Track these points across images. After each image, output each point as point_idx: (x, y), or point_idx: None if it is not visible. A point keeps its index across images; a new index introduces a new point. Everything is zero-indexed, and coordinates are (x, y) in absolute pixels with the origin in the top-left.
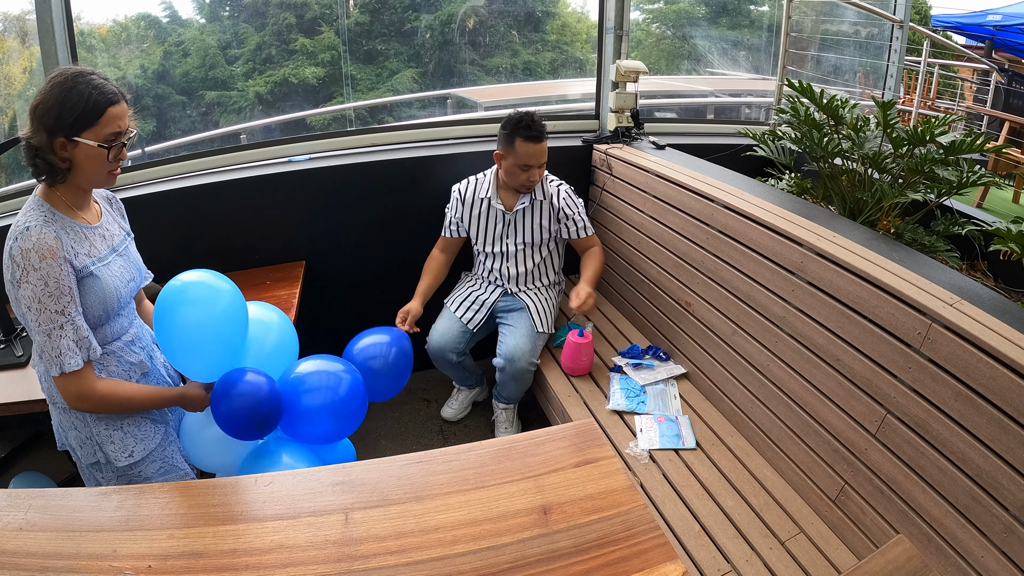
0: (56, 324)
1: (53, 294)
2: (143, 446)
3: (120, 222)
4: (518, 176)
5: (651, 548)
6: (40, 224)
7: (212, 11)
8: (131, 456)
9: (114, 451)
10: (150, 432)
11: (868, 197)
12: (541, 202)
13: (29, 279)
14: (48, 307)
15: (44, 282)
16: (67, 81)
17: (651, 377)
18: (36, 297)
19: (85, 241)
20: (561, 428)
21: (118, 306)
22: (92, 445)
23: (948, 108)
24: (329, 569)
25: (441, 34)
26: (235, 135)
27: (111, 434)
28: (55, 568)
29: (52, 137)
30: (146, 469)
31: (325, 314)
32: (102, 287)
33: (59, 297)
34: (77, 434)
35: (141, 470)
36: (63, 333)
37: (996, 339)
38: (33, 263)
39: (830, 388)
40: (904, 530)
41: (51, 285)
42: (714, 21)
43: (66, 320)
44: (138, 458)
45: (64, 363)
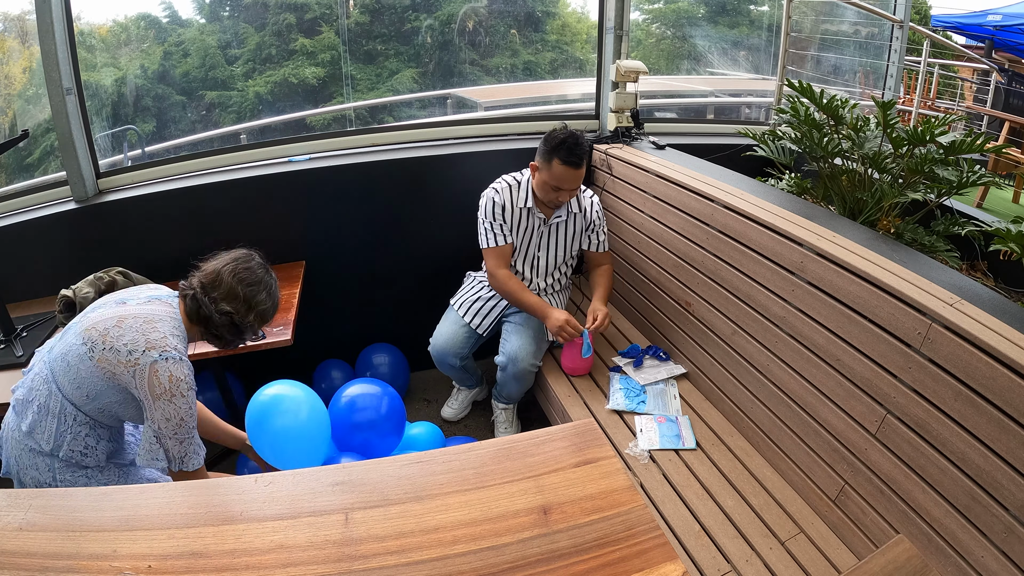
0: (189, 436)
1: (193, 415)
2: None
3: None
4: (547, 193)
5: (651, 548)
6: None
7: (212, 11)
8: None
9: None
10: (113, 477)
11: (868, 197)
12: (576, 214)
13: (175, 402)
14: (187, 424)
15: (188, 408)
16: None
17: (651, 377)
18: (179, 417)
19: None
20: (561, 428)
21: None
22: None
23: (948, 108)
24: (329, 569)
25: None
26: (235, 135)
27: (75, 481)
28: (55, 568)
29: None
30: None
31: (325, 314)
32: None
33: (194, 416)
34: (36, 476)
35: None
36: (192, 440)
37: (996, 339)
38: (183, 391)
39: (830, 388)
40: (904, 530)
41: (192, 411)
42: (714, 21)
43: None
44: None
45: (187, 463)
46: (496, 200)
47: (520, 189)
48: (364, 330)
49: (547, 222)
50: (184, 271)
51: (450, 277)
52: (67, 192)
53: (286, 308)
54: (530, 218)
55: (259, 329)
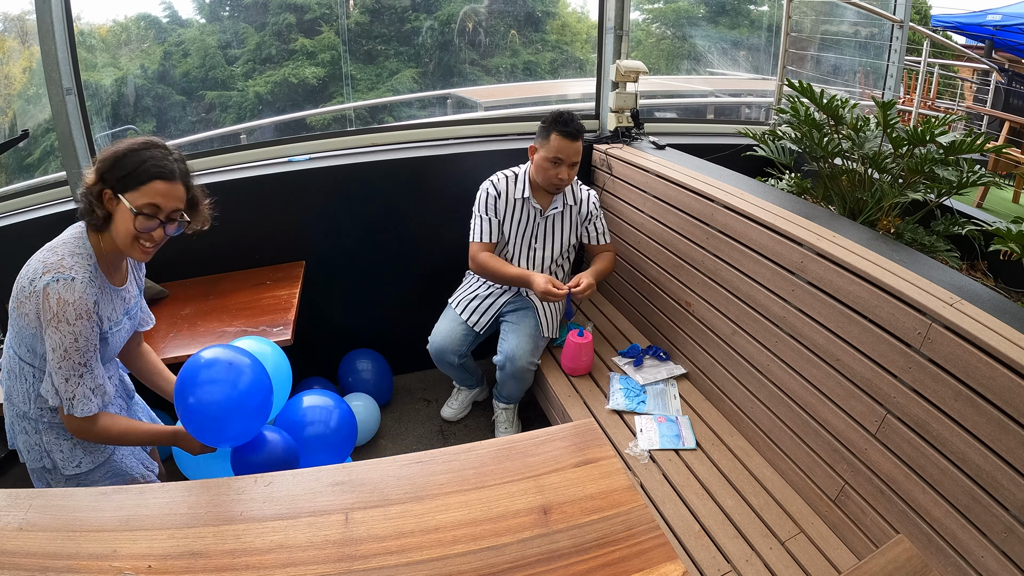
0: (77, 373)
1: (80, 349)
2: (91, 459)
3: (139, 279)
4: (547, 171)
5: (651, 548)
6: (86, 282)
7: (212, 11)
8: (79, 467)
9: (62, 459)
10: (99, 446)
11: (868, 197)
12: (571, 207)
13: (60, 328)
14: (72, 358)
15: (75, 337)
16: (136, 144)
17: (651, 377)
18: (64, 346)
19: (110, 304)
20: (561, 428)
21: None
22: (40, 451)
23: (948, 108)
24: (329, 569)
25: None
26: (235, 135)
27: (60, 444)
28: (55, 568)
29: (102, 184)
30: (94, 477)
31: (325, 314)
32: (105, 347)
33: (84, 352)
34: (26, 438)
35: (90, 479)
36: (81, 381)
37: (996, 339)
38: (69, 317)
39: (830, 388)
40: (904, 530)
41: (80, 342)
42: (714, 21)
43: (87, 370)
44: (85, 469)
45: (75, 407)
46: (491, 192)
47: (518, 180)
48: (364, 330)
49: (543, 213)
50: (183, 271)
51: (450, 277)
52: (67, 192)
53: (286, 308)
54: (526, 209)
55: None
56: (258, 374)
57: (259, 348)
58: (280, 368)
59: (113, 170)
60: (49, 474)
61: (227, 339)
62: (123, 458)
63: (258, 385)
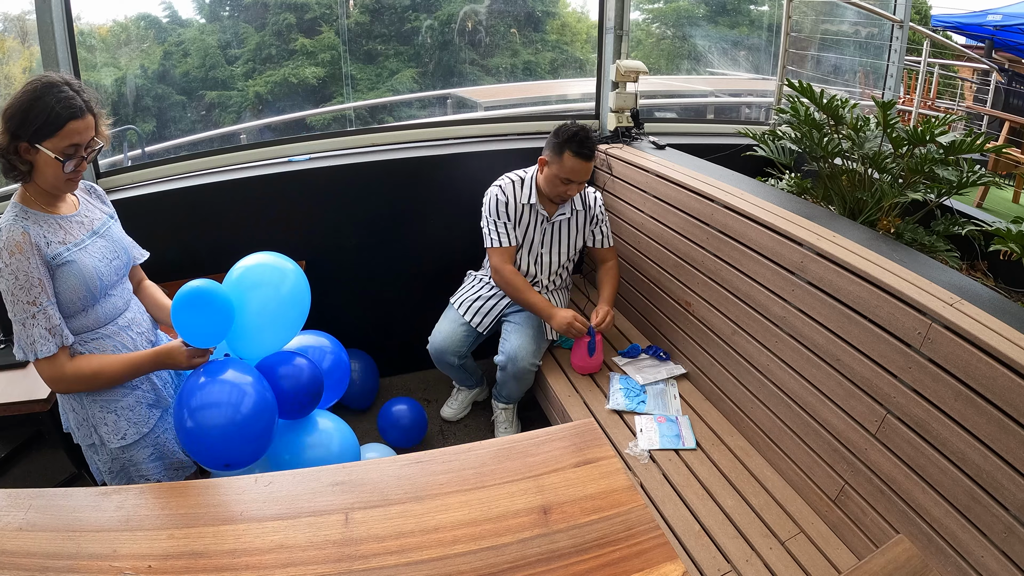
0: (28, 314)
1: (24, 286)
2: (136, 430)
3: (101, 207)
4: (556, 187)
5: (651, 548)
6: (10, 222)
7: (212, 11)
8: (123, 439)
9: (107, 433)
10: (144, 416)
11: (868, 197)
12: (579, 212)
13: (3, 274)
14: (20, 299)
15: (15, 276)
16: (36, 90)
17: (651, 377)
18: (9, 290)
19: (60, 230)
20: (561, 428)
21: (102, 286)
22: (88, 427)
23: (948, 108)
24: (329, 569)
25: (441, 34)
26: (235, 135)
27: (105, 416)
28: (55, 568)
29: (15, 141)
30: (137, 454)
31: (325, 314)
32: (80, 270)
33: (29, 289)
34: (75, 415)
35: (132, 454)
36: (35, 322)
37: (996, 339)
38: (4, 260)
39: (830, 388)
40: (904, 530)
41: (21, 278)
42: (714, 21)
43: (38, 310)
44: (130, 441)
45: (37, 350)
46: (500, 198)
47: (524, 185)
48: (364, 329)
49: (550, 219)
50: (183, 271)
51: (450, 276)
52: None
53: None
54: (533, 214)
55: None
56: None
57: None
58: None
59: (24, 125)
60: (96, 452)
61: None
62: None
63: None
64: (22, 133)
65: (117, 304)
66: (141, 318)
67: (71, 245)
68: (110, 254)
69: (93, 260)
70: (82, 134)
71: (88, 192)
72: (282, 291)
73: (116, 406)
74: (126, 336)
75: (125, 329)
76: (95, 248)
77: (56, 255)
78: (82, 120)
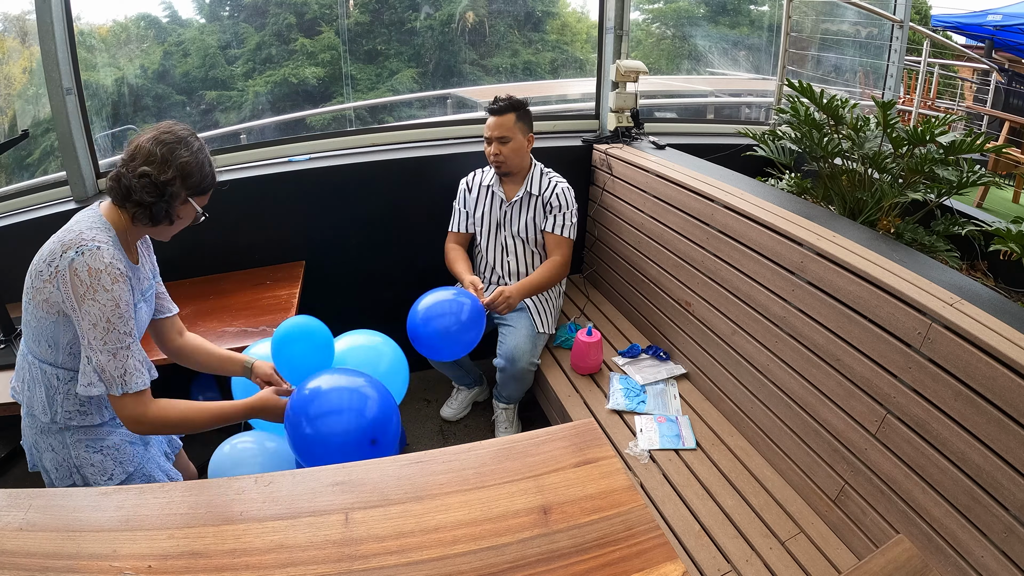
0: (124, 344)
1: (123, 316)
2: (122, 468)
3: (152, 265)
4: (486, 150)
5: (651, 548)
6: (112, 248)
7: (212, 11)
8: (111, 479)
9: (93, 474)
10: (130, 455)
11: (868, 197)
12: (535, 196)
13: (98, 298)
14: (117, 328)
15: (116, 304)
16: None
17: (651, 377)
18: (105, 317)
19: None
20: (561, 428)
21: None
22: (68, 468)
23: (948, 108)
24: (329, 569)
25: (441, 34)
26: (235, 135)
27: (90, 457)
28: (55, 568)
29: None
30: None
31: (325, 314)
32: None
33: (128, 320)
34: (53, 456)
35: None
36: (130, 353)
37: (996, 339)
38: (105, 284)
39: (830, 388)
40: (904, 530)
41: (122, 307)
42: (714, 21)
43: (132, 341)
44: (118, 481)
45: (129, 382)
46: (464, 185)
47: (486, 171)
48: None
49: (507, 202)
50: (183, 270)
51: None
52: (67, 192)
53: (286, 308)
54: (491, 197)
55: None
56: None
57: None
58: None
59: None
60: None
61: (227, 339)
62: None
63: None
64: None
65: None
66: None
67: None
68: (146, 318)
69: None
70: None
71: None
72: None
73: (101, 445)
74: None
75: None
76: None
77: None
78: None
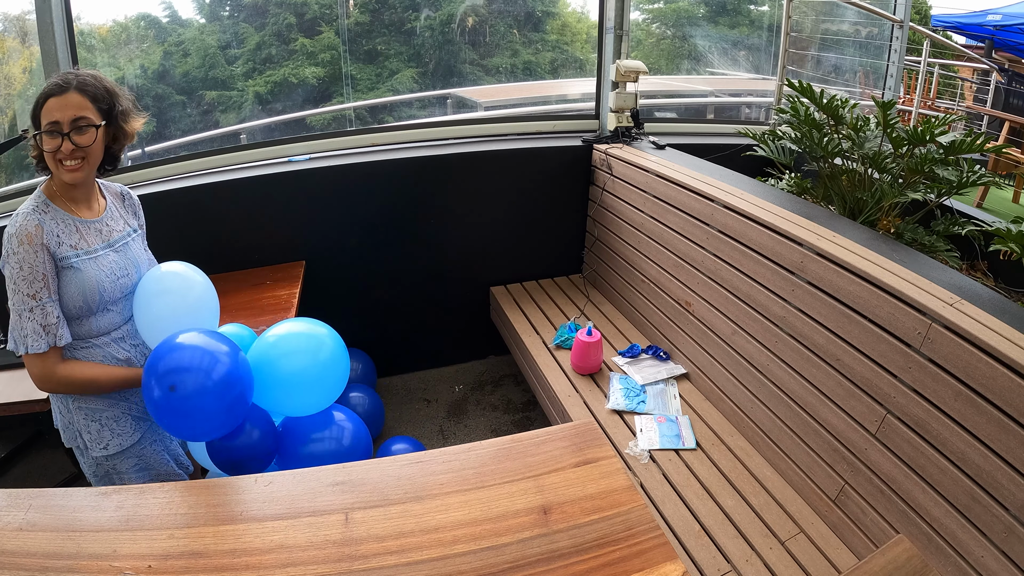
0: (26, 307)
1: (27, 278)
2: (118, 441)
3: (128, 218)
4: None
5: (651, 548)
6: (28, 212)
7: (212, 11)
8: (105, 448)
9: (90, 440)
10: (128, 429)
11: (868, 197)
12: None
13: (9, 261)
14: (21, 289)
15: (20, 266)
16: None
17: (651, 377)
18: (12, 278)
19: (75, 233)
20: (561, 428)
21: (101, 301)
22: (72, 431)
23: (948, 108)
24: (329, 569)
25: (441, 34)
26: (235, 135)
27: (88, 424)
28: (55, 568)
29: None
30: (120, 464)
31: (325, 314)
32: (82, 280)
33: (32, 282)
34: (62, 418)
35: (115, 464)
36: (31, 316)
37: (996, 339)
38: (13, 247)
39: (830, 388)
40: (904, 530)
41: (25, 269)
42: (714, 21)
43: (36, 304)
44: (112, 452)
45: (28, 344)
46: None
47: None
48: (363, 329)
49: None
50: None
51: (450, 276)
52: None
53: (286, 308)
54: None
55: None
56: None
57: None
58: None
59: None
60: (82, 455)
61: None
62: (151, 446)
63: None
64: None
65: (115, 319)
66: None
67: (81, 252)
68: (119, 271)
69: (99, 273)
70: (60, 111)
71: (120, 199)
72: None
73: (100, 416)
74: (118, 348)
75: (119, 341)
76: (105, 261)
77: (63, 257)
78: (59, 97)
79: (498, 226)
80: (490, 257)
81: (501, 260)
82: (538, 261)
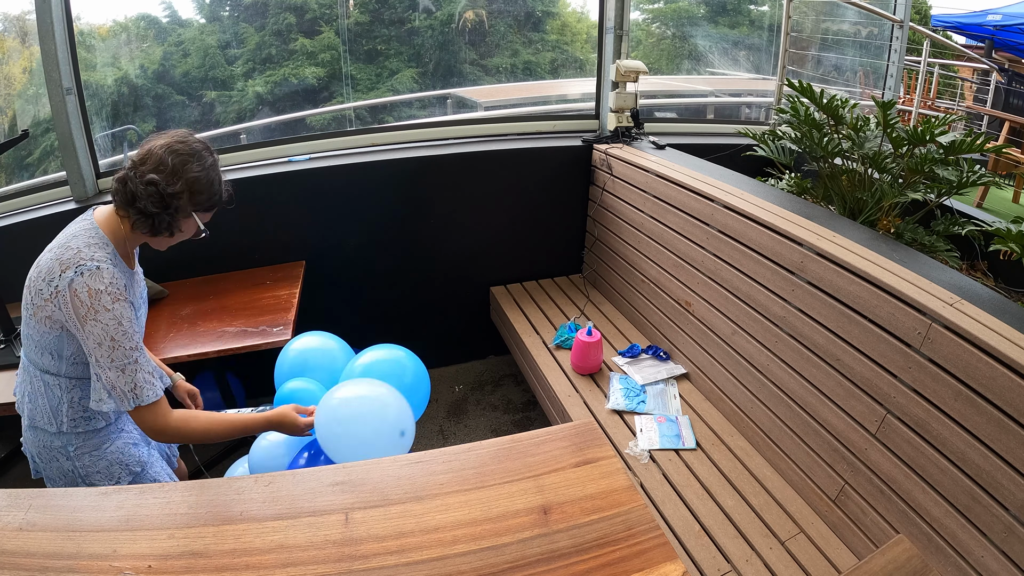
0: (131, 359)
1: (127, 333)
2: (128, 471)
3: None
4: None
5: (651, 548)
6: (111, 267)
7: (212, 11)
8: (118, 483)
9: (100, 481)
10: (134, 456)
11: (868, 197)
12: None
13: (100, 319)
14: (122, 344)
15: (118, 322)
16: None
17: (651, 377)
18: (109, 336)
19: (130, 286)
20: (561, 428)
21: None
22: (75, 478)
23: (948, 108)
24: (329, 569)
25: (441, 34)
26: (235, 135)
27: (95, 464)
28: (55, 568)
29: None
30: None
31: (325, 314)
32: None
33: (132, 335)
34: (59, 466)
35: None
36: (137, 367)
37: (996, 339)
38: (106, 304)
39: (830, 388)
40: (904, 530)
41: (124, 325)
42: (714, 21)
43: (139, 354)
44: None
45: (141, 395)
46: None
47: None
48: (363, 329)
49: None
50: (183, 271)
51: (450, 276)
52: (67, 192)
53: (286, 308)
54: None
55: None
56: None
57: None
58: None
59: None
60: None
61: (227, 339)
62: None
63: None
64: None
65: None
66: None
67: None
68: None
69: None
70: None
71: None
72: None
73: (106, 451)
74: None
75: None
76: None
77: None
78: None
79: (498, 226)
80: (490, 257)
81: (501, 260)
82: (538, 261)
